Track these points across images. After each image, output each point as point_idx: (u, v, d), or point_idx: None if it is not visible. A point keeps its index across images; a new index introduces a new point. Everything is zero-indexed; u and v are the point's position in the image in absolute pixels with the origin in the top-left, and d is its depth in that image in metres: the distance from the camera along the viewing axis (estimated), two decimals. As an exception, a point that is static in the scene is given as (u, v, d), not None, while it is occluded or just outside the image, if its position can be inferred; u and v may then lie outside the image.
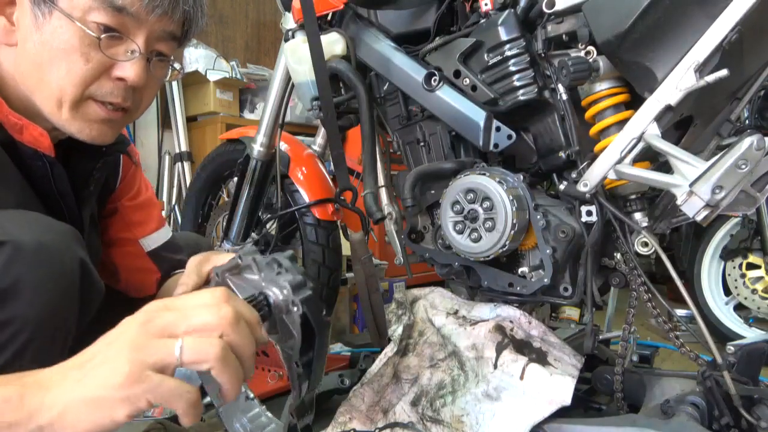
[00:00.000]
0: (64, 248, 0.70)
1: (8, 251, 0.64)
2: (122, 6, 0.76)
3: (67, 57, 0.75)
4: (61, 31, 0.74)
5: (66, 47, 0.75)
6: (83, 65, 0.76)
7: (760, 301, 2.18)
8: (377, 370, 1.28)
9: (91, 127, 0.82)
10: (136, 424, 1.32)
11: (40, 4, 0.74)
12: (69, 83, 0.77)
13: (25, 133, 0.78)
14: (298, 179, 1.76)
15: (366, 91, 1.41)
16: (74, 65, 0.76)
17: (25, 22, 0.75)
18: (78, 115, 0.80)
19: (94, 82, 0.79)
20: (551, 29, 1.17)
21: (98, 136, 0.83)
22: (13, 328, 0.64)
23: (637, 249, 1.14)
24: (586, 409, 1.27)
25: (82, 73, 0.77)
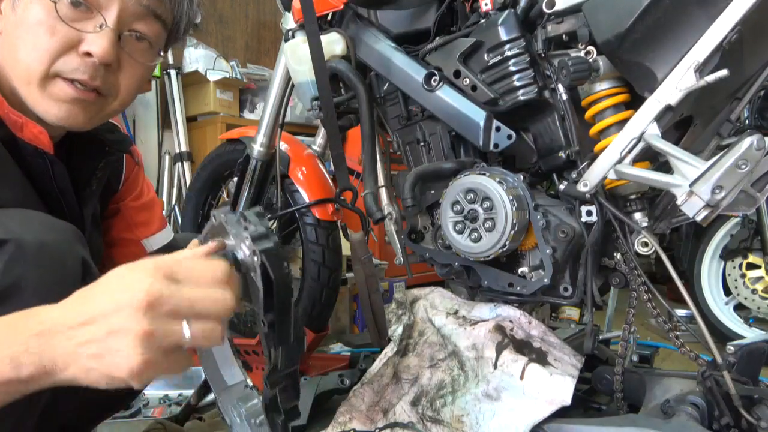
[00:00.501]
0: (66, 247, 0.70)
1: (10, 250, 0.64)
2: None
3: (34, 32, 0.74)
4: (31, 6, 0.74)
5: (33, 21, 0.74)
6: (48, 38, 0.75)
7: (760, 301, 2.18)
8: (377, 370, 1.28)
9: (60, 107, 0.79)
10: (136, 423, 1.32)
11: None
12: (34, 59, 0.75)
13: (25, 131, 0.77)
14: (298, 179, 1.76)
15: (366, 91, 1.41)
16: (39, 39, 0.75)
17: (7, 8, 0.76)
18: (45, 93, 0.78)
19: (60, 57, 0.76)
20: (551, 29, 1.17)
21: (67, 117, 0.80)
22: None
23: (637, 249, 1.14)
24: (586, 409, 1.27)
25: (47, 47, 0.75)
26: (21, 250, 0.64)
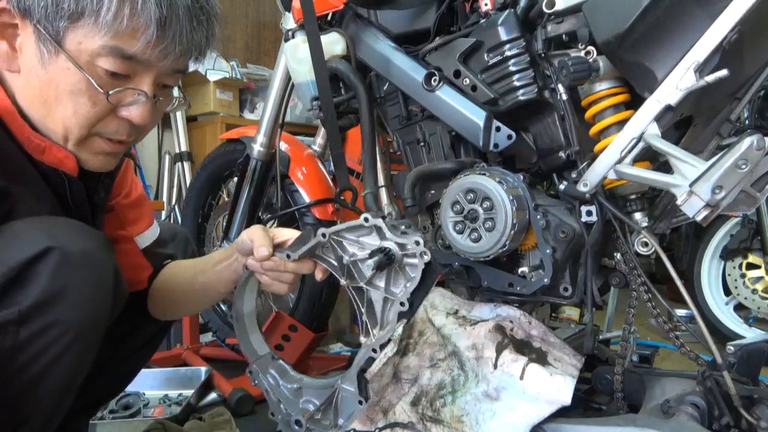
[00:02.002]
0: (103, 256, 0.74)
1: (57, 257, 0.67)
2: (133, 54, 0.74)
3: (74, 99, 0.75)
4: (68, 73, 0.73)
5: (73, 90, 0.74)
6: (90, 108, 0.76)
7: (760, 301, 2.18)
8: (377, 370, 1.28)
9: (96, 159, 0.83)
10: (136, 423, 1.32)
11: (45, 42, 0.72)
12: (75, 124, 0.77)
13: (48, 154, 0.78)
14: (298, 179, 1.76)
15: (366, 91, 1.41)
16: (81, 108, 0.76)
17: (30, 54, 0.74)
18: (83, 148, 0.80)
19: (100, 122, 0.79)
20: (551, 29, 1.17)
21: (102, 166, 0.85)
22: (57, 331, 0.67)
23: (637, 249, 1.14)
24: (586, 409, 1.27)
25: (88, 116, 0.77)
26: (67, 258, 0.67)
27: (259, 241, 0.90)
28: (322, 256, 0.86)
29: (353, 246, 0.82)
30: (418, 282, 0.78)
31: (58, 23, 0.71)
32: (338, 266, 0.84)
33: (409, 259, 0.78)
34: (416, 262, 0.78)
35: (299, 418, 0.86)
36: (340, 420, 0.84)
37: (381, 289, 0.80)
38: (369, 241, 0.81)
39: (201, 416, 1.35)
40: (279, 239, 0.93)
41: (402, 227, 0.79)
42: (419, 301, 0.80)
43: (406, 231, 0.78)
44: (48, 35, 0.71)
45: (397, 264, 0.79)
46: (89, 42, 0.72)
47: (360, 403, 0.83)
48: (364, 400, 0.82)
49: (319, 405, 0.87)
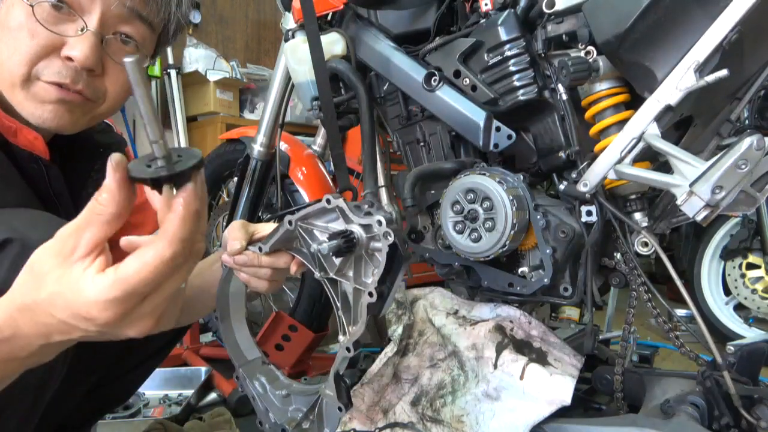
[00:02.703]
0: None
1: (17, 249, 0.64)
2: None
3: (15, 35, 0.73)
4: (12, 9, 0.72)
5: (14, 25, 0.73)
6: (29, 42, 0.74)
7: (760, 301, 2.18)
8: (377, 370, 1.28)
9: (44, 108, 0.78)
10: (136, 423, 1.32)
11: None
12: (15, 62, 0.74)
13: (20, 136, 0.76)
14: (298, 179, 1.76)
15: (366, 91, 1.41)
16: (20, 43, 0.73)
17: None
18: (29, 95, 0.77)
19: (41, 60, 0.75)
20: (551, 29, 1.17)
21: (53, 118, 0.79)
22: None
23: (637, 249, 1.14)
24: (586, 409, 1.27)
25: (27, 50, 0.74)
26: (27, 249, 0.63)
27: (234, 235, 0.84)
28: (298, 248, 0.80)
29: (323, 234, 0.75)
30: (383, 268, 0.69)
31: None
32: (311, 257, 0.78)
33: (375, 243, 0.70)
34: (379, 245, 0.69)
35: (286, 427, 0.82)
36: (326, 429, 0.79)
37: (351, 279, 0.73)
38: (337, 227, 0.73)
39: (201, 416, 1.35)
40: (259, 234, 0.87)
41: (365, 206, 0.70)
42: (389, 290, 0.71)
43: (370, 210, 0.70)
44: None
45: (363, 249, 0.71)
46: None
47: (339, 410, 0.77)
48: (344, 407, 0.75)
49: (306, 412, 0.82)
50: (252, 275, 0.87)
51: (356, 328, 0.73)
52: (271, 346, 1.65)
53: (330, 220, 0.75)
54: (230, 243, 0.84)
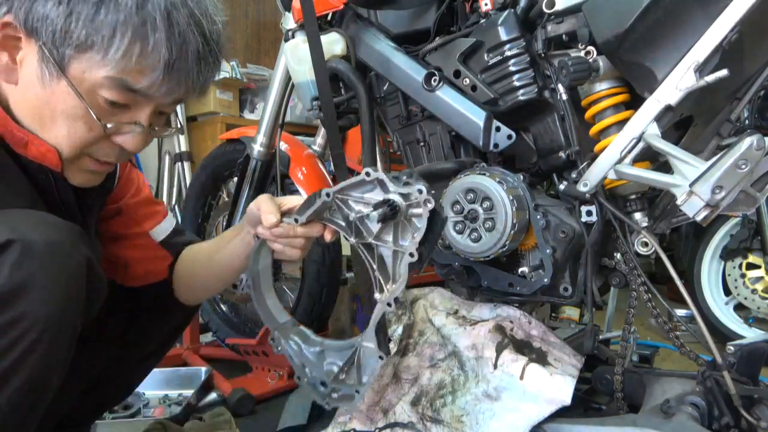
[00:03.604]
0: (71, 247, 0.70)
1: (18, 250, 0.64)
2: (136, 89, 0.74)
3: (69, 122, 0.74)
4: (68, 98, 0.73)
5: (69, 113, 0.74)
6: (85, 133, 0.76)
7: (760, 301, 2.18)
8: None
9: (81, 175, 0.82)
10: (136, 423, 1.32)
11: (48, 64, 0.71)
12: (67, 145, 0.76)
13: (31, 148, 0.76)
14: (298, 179, 1.76)
15: (366, 91, 1.41)
16: (76, 131, 0.75)
17: (30, 70, 0.73)
18: (71, 165, 0.79)
19: (93, 145, 0.78)
20: (551, 29, 1.17)
21: (85, 182, 0.83)
22: (22, 327, 0.65)
23: (637, 249, 1.14)
24: (586, 409, 1.27)
25: (82, 139, 0.76)
26: (29, 250, 0.65)
27: (267, 209, 0.89)
28: (330, 218, 0.87)
29: (359, 204, 0.83)
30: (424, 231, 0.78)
31: (64, 49, 0.70)
32: (346, 226, 0.85)
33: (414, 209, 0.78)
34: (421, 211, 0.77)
35: (324, 380, 0.90)
36: (363, 377, 0.87)
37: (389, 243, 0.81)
38: (374, 197, 0.81)
39: (201, 416, 1.35)
40: (286, 206, 0.92)
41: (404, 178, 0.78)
42: (428, 251, 0.79)
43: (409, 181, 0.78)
44: (52, 58, 0.70)
45: (402, 216, 0.79)
46: (94, 72, 0.71)
47: (381, 359, 0.84)
48: (385, 355, 0.83)
49: (342, 365, 0.89)
50: (287, 245, 0.92)
51: (396, 286, 0.81)
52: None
53: (366, 190, 0.82)
54: (266, 217, 0.89)
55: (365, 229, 0.83)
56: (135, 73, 0.72)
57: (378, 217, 0.77)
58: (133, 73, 0.72)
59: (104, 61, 0.70)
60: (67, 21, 0.68)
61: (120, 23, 0.69)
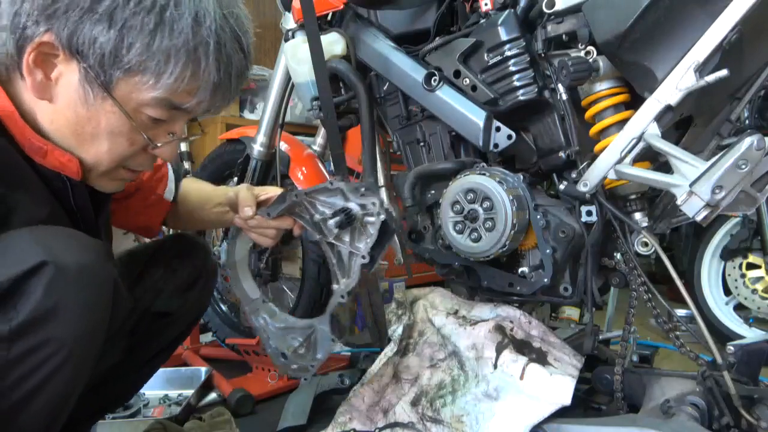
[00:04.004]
0: (100, 269, 0.71)
1: (51, 272, 0.65)
2: (184, 108, 0.76)
3: (112, 139, 0.75)
4: (113, 117, 0.73)
5: (113, 130, 0.75)
6: (127, 148, 0.77)
7: (760, 301, 2.17)
8: (377, 370, 1.29)
9: (113, 184, 0.84)
10: (136, 423, 1.32)
11: (92, 84, 0.71)
12: (108, 159, 0.78)
13: (50, 157, 0.76)
14: (298, 179, 1.76)
15: (366, 91, 1.41)
16: (118, 147, 0.77)
17: (70, 89, 0.72)
18: (104, 175, 0.81)
19: (130, 158, 0.80)
20: (551, 29, 1.17)
21: (114, 189, 0.87)
22: (49, 350, 0.66)
23: (637, 249, 1.14)
24: (586, 409, 1.27)
25: (123, 153, 0.78)
26: (61, 273, 0.65)
27: (244, 202, 0.98)
28: (300, 214, 0.98)
29: (324, 206, 0.94)
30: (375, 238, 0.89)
31: (111, 71, 0.70)
32: (312, 224, 0.96)
33: (368, 217, 0.89)
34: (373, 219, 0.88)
35: (285, 351, 1.00)
36: (318, 354, 0.98)
37: (347, 243, 0.92)
38: (337, 202, 0.92)
39: (201, 416, 1.35)
40: (263, 197, 1.00)
41: (362, 189, 0.88)
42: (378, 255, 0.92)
43: (366, 193, 0.89)
44: (98, 80, 0.70)
45: (359, 222, 0.90)
46: (142, 93, 0.72)
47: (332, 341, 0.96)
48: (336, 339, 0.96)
49: (301, 341, 1.00)
50: (259, 234, 1.03)
51: (349, 281, 0.93)
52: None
53: (330, 195, 0.92)
54: (243, 209, 0.98)
55: (327, 229, 0.93)
56: (183, 94, 0.74)
57: (335, 224, 0.89)
58: (182, 94, 0.74)
59: (155, 84, 0.71)
60: (118, 46, 0.68)
61: (174, 49, 0.69)
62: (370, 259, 0.90)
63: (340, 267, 0.93)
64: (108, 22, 0.67)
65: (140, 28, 0.68)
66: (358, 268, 0.91)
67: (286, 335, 1.02)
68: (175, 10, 0.68)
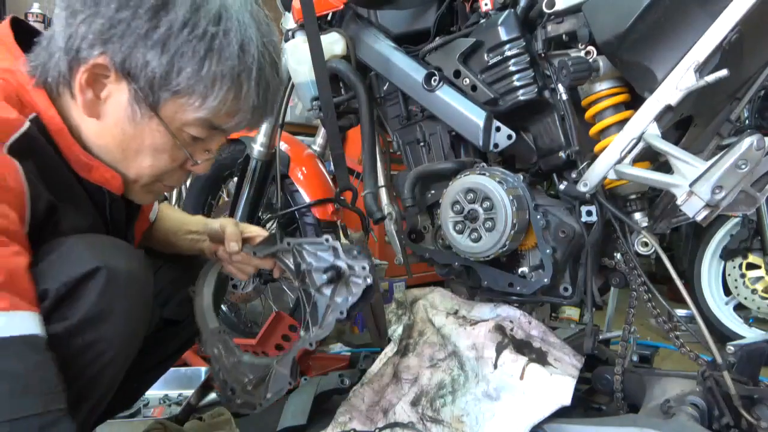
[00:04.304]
0: (144, 276, 0.78)
1: (105, 277, 0.71)
2: (224, 128, 0.81)
3: (155, 155, 0.80)
4: (158, 135, 0.78)
5: (157, 147, 0.79)
6: (168, 163, 0.82)
7: (760, 301, 2.17)
8: (377, 370, 1.29)
9: (149, 196, 0.89)
10: (136, 423, 1.32)
11: (140, 104, 0.75)
12: (149, 174, 0.82)
13: (95, 173, 0.80)
14: (298, 179, 1.76)
15: (366, 91, 1.41)
16: (160, 162, 0.81)
17: (118, 108, 0.76)
18: (143, 190, 0.86)
19: (168, 173, 0.85)
20: (551, 29, 1.17)
21: (150, 201, 0.93)
22: (99, 349, 0.71)
23: (637, 249, 1.14)
24: (586, 409, 1.27)
25: (164, 168, 0.82)
26: (113, 279, 0.72)
27: (231, 237, 1.00)
28: (282, 258, 1.00)
29: (311, 257, 0.96)
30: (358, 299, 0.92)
31: (160, 93, 0.74)
32: (294, 270, 0.98)
33: (354, 277, 0.92)
34: (360, 281, 0.91)
35: (234, 386, 1.00)
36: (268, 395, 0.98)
37: (326, 296, 0.94)
38: (325, 256, 0.94)
39: (201, 416, 1.35)
40: (247, 234, 1.03)
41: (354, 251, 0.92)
42: (355, 313, 0.94)
43: (357, 256, 0.91)
44: (146, 101, 0.75)
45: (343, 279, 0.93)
46: (185, 114, 0.77)
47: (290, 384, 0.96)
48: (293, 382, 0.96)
49: (252, 378, 1.01)
50: (238, 269, 1.05)
51: (321, 332, 0.94)
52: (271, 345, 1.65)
53: (321, 250, 0.95)
54: (229, 244, 1.00)
55: (311, 279, 0.96)
56: (224, 116, 0.78)
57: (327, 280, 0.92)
58: (223, 116, 0.78)
59: (201, 106, 0.76)
60: (169, 70, 0.72)
61: (221, 74, 0.74)
62: (347, 315, 0.92)
63: (312, 315, 0.95)
64: (161, 47, 0.71)
65: (191, 54, 0.72)
66: (333, 322, 0.93)
67: (236, 370, 1.03)
68: (224, 38, 0.73)
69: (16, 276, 0.63)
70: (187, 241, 1.08)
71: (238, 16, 0.75)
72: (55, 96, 0.77)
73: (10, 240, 0.64)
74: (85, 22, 0.71)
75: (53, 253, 0.71)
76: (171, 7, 0.71)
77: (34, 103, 0.75)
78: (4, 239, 0.63)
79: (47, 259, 0.70)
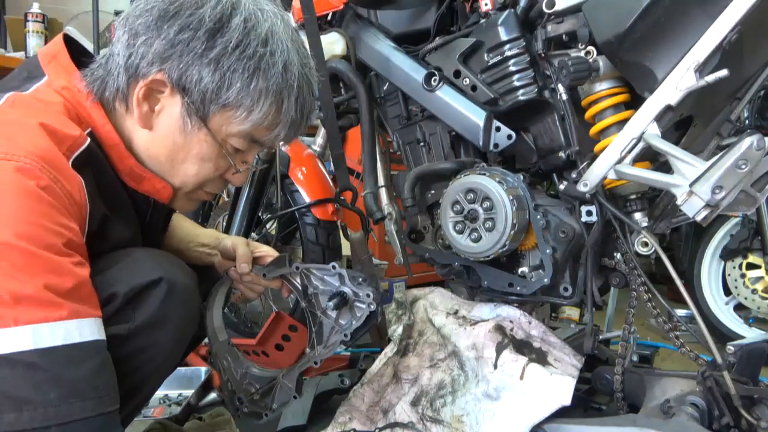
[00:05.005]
0: (194, 290, 0.86)
1: (166, 287, 0.79)
2: (261, 140, 0.87)
3: (201, 164, 0.86)
4: (205, 145, 0.84)
5: (203, 156, 0.85)
6: (212, 172, 0.88)
7: (760, 301, 2.17)
8: (377, 370, 1.29)
9: (189, 204, 0.95)
10: (135, 423, 1.32)
11: (192, 116, 0.81)
12: (193, 181, 0.88)
13: (145, 183, 0.86)
14: (298, 179, 1.76)
15: (366, 91, 1.41)
16: (204, 171, 0.87)
17: (170, 120, 0.82)
18: (186, 197, 0.92)
19: (210, 182, 0.90)
20: (551, 29, 1.17)
21: (190, 209, 0.98)
22: (152, 353, 0.79)
23: (637, 249, 1.14)
24: (586, 409, 1.27)
25: (207, 176, 0.88)
26: (173, 288, 0.79)
27: (243, 258, 1.05)
28: (290, 279, 1.06)
29: (318, 281, 1.02)
30: (361, 324, 0.98)
31: (210, 106, 0.80)
32: (301, 291, 1.04)
33: (358, 303, 0.98)
34: (363, 307, 0.97)
35: (241, 396, 1.06)
36: (274, 405, 1.04)
37: (332, 319, 1.00)
38: (331, 281, 1.00)
39: (201, 416, 1.35)
40: (258, 254, 1.09)
41: (359, 279, 0.98)
42: (359, 336, 1.01)
43: (362, 283, 0.98)
44: (197, 113, 0.80)
45: (349, 304, 0.99)
46: (231, 126, 0.82)
47: (294, 398, 1.03)
48: (298, 396, 1.02)
49: (258, 389, 1.06)
50: (248, 288, 1.10)
51: (325, 351, 1.00)
52: (271, 346, 1.65)
53: (328, 275, 1.01)
54: (240, 264, 1.05)
55: (317, 302, 1.02)
56: (264, 130, 0.84)
57: (333, 306, 0.98)
58: (262, 129, 0.84)
59: (246, 119, 0.81)
60: (221, 85, 0.79)
61: (266, 90, 0.80)
62: (351, 337, 0.99)
63: (318, 334, 1.02)
64: (215, 65, 0.77)
65: (242, 71, 0.78)
66: (337, 343, 1.00)
67: (244, 381, 1.08)
68: (270, 58, 0.80)
69: (82, 285, 0.68)
70: (197, 253, 1.12)
71: (282, 39, 0.82)
72: (110, 109, 0.83)
73: (75, 251, 0.69)
74: (145, 43, 0.77)
75: (121, 262, 0.79)
76: (226, 30, 0.77)
77: (91, 118, 0.80)
78: (71, 251, 0.68)
79: (116, 267, 0.77)
